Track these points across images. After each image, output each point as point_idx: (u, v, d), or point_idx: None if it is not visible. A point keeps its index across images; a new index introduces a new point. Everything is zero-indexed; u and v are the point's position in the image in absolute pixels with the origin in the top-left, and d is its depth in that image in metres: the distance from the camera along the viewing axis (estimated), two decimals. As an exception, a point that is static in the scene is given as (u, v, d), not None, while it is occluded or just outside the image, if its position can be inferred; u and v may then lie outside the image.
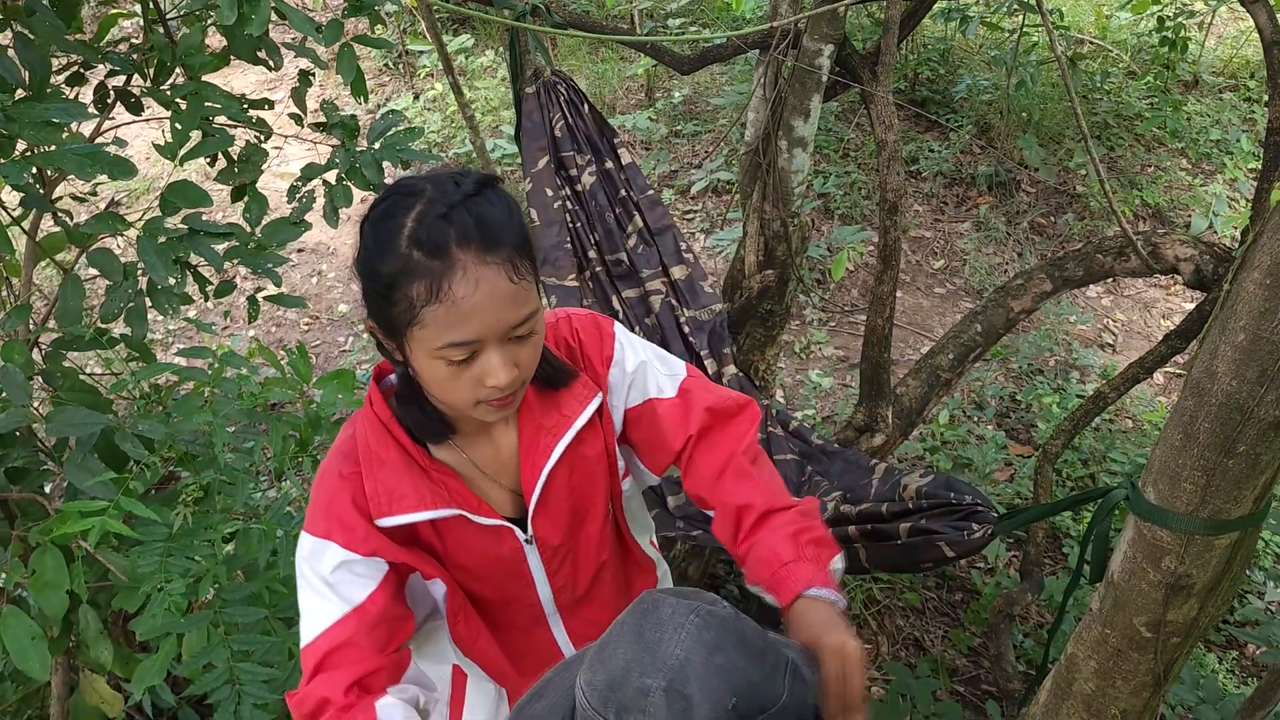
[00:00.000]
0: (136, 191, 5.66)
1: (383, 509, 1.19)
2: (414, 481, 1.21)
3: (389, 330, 1.11)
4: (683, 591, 0.90)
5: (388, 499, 1.19)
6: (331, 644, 1.16)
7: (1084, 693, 1.72)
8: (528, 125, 2.54)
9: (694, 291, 2.50)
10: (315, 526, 1.21)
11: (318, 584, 1.20)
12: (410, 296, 1.05)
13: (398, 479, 1.20)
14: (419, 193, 1.07)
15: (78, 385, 1.80)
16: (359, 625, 1.17)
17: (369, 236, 1.09)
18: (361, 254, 1.10)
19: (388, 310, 1.08)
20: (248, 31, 1.73)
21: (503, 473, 1.31)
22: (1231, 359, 1.30)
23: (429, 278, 1.03)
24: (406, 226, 1.05)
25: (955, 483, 1.93)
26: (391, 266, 1.05)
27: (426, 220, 1.04)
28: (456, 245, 1.04)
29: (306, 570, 1.21)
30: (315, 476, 1.26)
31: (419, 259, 1.04)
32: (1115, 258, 2.34)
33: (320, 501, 1.22)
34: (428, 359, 1.09)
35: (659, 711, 0.80)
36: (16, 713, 1.98)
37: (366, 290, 1.11)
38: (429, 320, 1.05)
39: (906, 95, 5.49)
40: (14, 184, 1.56)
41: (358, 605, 1.18)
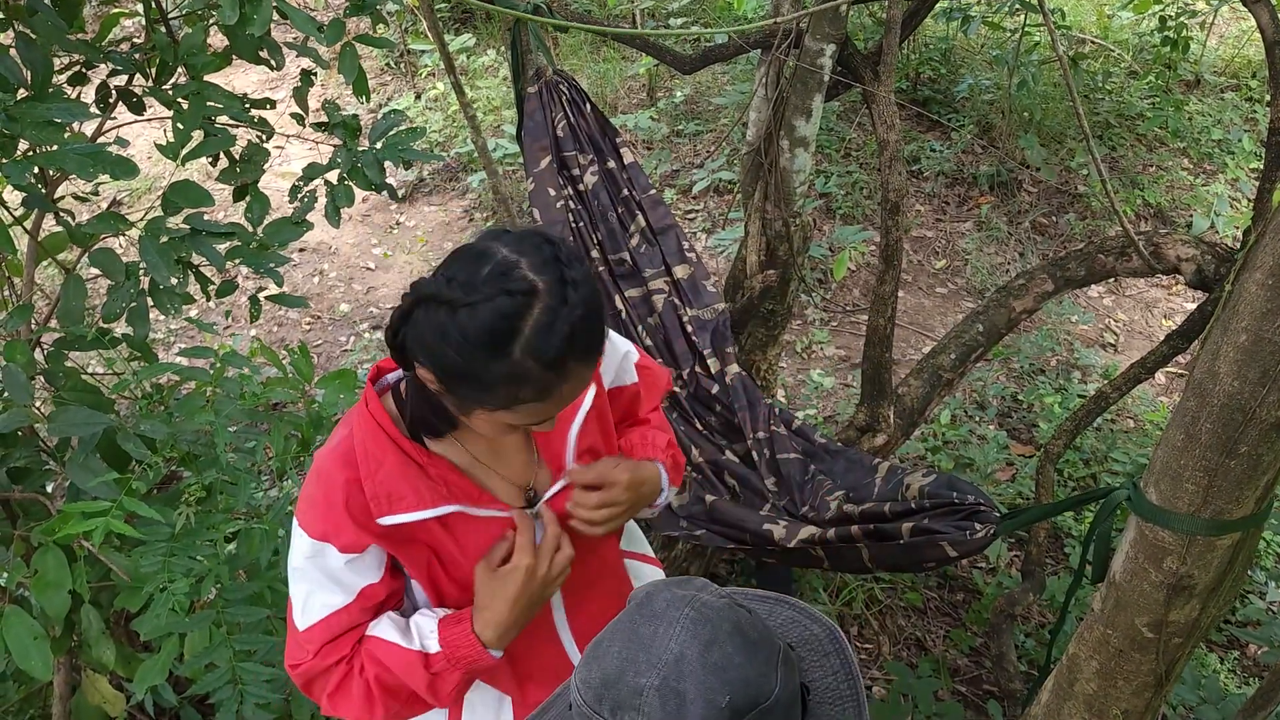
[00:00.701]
0: (138, 191, 5.66)
1: (383, 509, 1.21)
2: (412, 481, 1.22)
3: (462, 399, 1.12)
4: (678, 582, 0.90)
5: (387, 500, 1.21)
6: (337, 629, 1.25)
7: (1086, 693, 1.72)
8: (530, 125, 2.53)
9: (697, 291, 2.50)
10: (313, 528, 1.22)
11: (320, 578, 1.23)
12: (515, 396, 1.08)
13: (396, 480, 1.22)
14: (533, 293, 1.04)
15: (80, 385, 1.80)
16: (362, 607, 1.26)
17: (474, 330, 1.04)
18: (460, 346, 1.05)
19: (479, 395, 1.10)
20: (249, 31, 1.73)
21: (499, 461, 1.32)
22: (1233, 359, 1.30)
23: (542, 386, 1.08)
24: (524, 335, 1.04)
25: (958, 482, 1.93)
26: (504, 370, 1.05)
27: (549, 336, 1.04)
28: (572, 359, 1.07)
29: (309, 567, 1.23)
30: (310, 471, 1.27)
31: (533, 369, 1.05)
32: (1117, 258, 2.34)
33: (317, 502, 1.23)
34: (494, 425, 1.15)
35: (653, 710, 0.80)
36: (19, 712, 1.98)
37: (457, 373, 1.08)
38: (525, 409, 1.11)
39: (908, 95, 5.48)
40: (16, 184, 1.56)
41: (362, 590, 1.26)
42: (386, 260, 5.21)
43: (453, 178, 5.75)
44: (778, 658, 0.86)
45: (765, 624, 0.89)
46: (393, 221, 5.52)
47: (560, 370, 1.07)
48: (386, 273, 5.12)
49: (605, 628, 0.88)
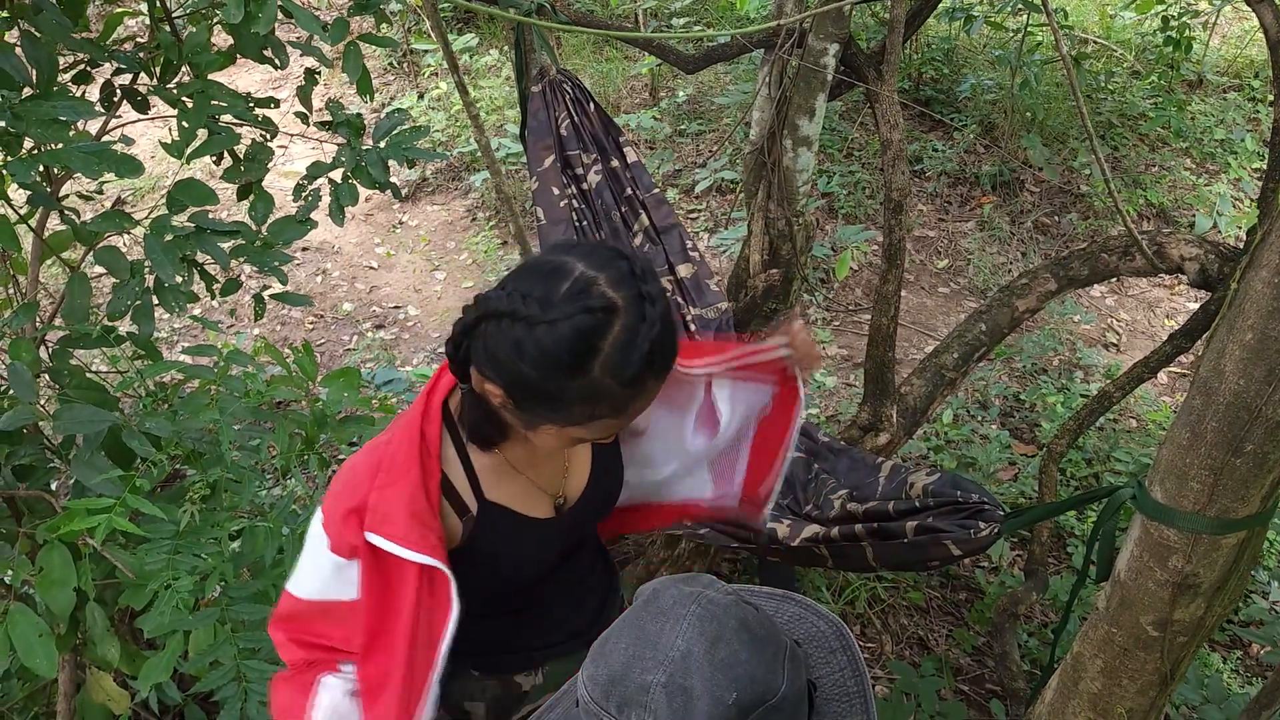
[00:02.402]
0: (143, 190, 5.66)
1: (373, 525, 1.20)
2: (409, 517, 1.21)
3: (531, 414, 1.12)
4: (685, 579, 0.90)
5: (381, 518, 1.20)
6: (322, 624, 1.26)
7: (1090, 691, 1.72)
8: (533, 124, 2.53)
9: (700, 290, 2.50)
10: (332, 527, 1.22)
11: (327, 566, 1.23)
12: (591, 413, 1.08)
13: (397, 506, 1.21)
14: (613, 312, 1.03)
15: (84, 383, 1.80)
16: (332, 617, 1.25)
17: (553, 347, 1.03)
18: (537, 361, 1.04)
19: (552, 411, 1.09)
20: (254, 30, 1.73)
21: (534, 469, 1.33)
22: (1239, 358, 1.30)
23: (618, 404, 1.08)
24: (604, 353, 1.03)
25: (962, 481, 1.92)
26: (582, 388, 1.05)
27: (629, 354, 1.04)
28: (650, 377, 1.07)
29: (323, 553, 1.23)
30: (349, 464, 1.26)
31: (611, 387, 1.05)
32: (1120, 257, 2.34)
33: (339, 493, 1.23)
34: (565, 439, 1.15)
35: (660, 707, 0.80)
36: (24, 709, 1.98)
37: (531, 389, 1.07)
38: (598, 425, 1.11)
39: (911, 95, 5.48)
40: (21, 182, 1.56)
41: (339, 601, 1.25)
42: (389, 259, 5.21)
43: (456, 177, 5.76)
44: (784, 654, 0.86)
45: (771, 621, 0.89)
46: (396, 221, 5.52)
47: (638, 387, 1.07)
48: (389, 272, 5.12)
49: (612, 625, 0.88)
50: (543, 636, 1.48)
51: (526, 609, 1.45)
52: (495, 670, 1.48)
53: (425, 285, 5.01)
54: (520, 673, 1.49)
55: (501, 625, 1.45)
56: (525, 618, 1.46)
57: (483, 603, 1.40)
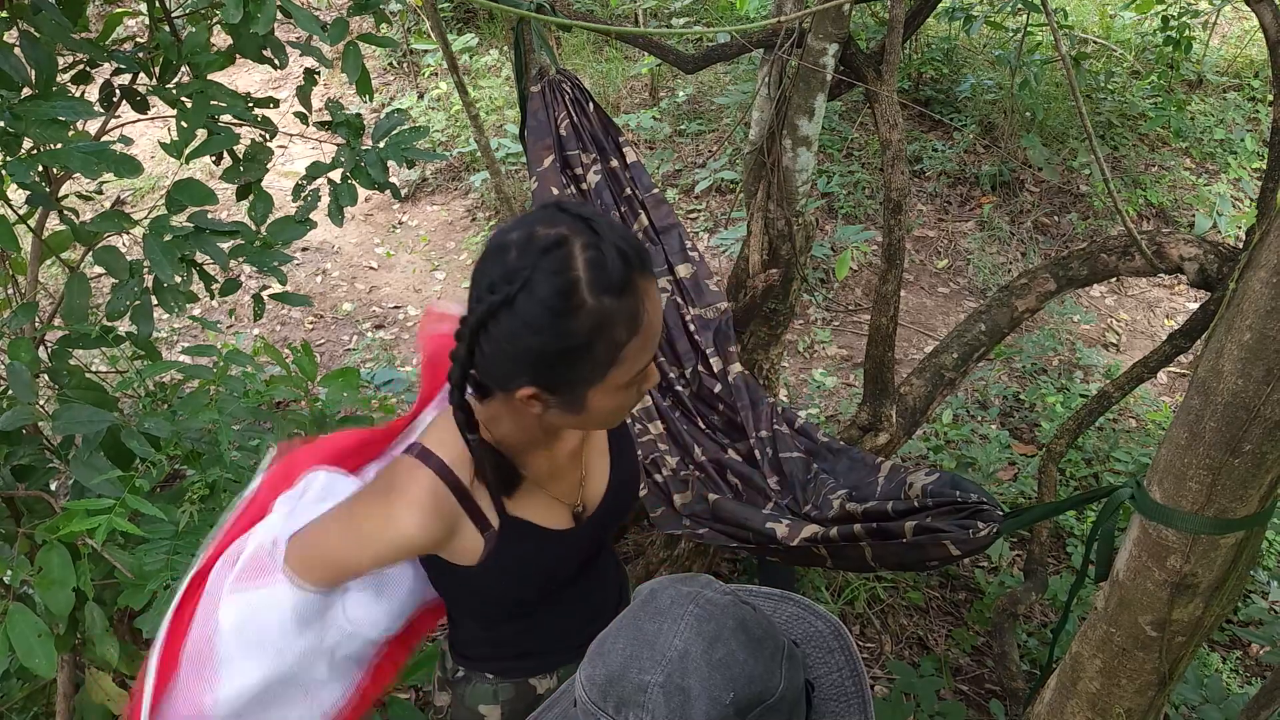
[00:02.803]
0: (142, 190, 5.66)
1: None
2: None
3: (568, 387, 1.09)
4: (683, 579, 0.90)
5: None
6: None
7: (1089, 691, 1.72)
8: (533, 124, 2.53)
9: (699, 290, 2.50)
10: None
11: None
12: (613, 340, 1.04)
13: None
14: (565, 241, 1.02)
15: (83, 383, 1.80)
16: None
17: (540, 306, 1.01)
18: (537, 328, 1.02)
19: (583, 368, 1.06)
20: (253, 30, 1.73)
21: (554, 482, 1.33)
22: (1238, 358, 1.30)
23: (628, 317, 1.04)
24: (584, 278, 1.01)
25: (961, 481, 1.92)
26: (589, 323, 1.02)
27: (604, 264, 1.02)
28: (638, 276, 1.04)
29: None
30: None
31: (611, 304, 1.02)
32: (1119, 257, 2.34)
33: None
34: (612, 395, 1.11)
35: (658, 707, 0.80)
36: (22, 710, 1.99)
37: (544, 355, 1.05)
38: (629, 355, 1.07)
39: (910, 95, 5.48)
40: (20, 182, 1.56)
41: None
42: (389, 259, 5.21)
43: (455, 177, 5.76)
44: (782, 654, 0.86)
45: (769, 620, 0.90)
46: (395, 221, 5.52)
47: (633, 291, 1.04)
48: (389, 272, 5.12)
49: (610, 625, 0.88)
50: (559, 641, 1.47)
51: (545, 615, 1.45)
52: (510, 675, 1.47)
53: (425, 285, 5.01)
54: (535, 676, 1.49)
55: (518, 631, 1.45)
56: (543, 624, 1.45)
57: (501, 613, 1.40)
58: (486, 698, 1.47)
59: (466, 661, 1.47)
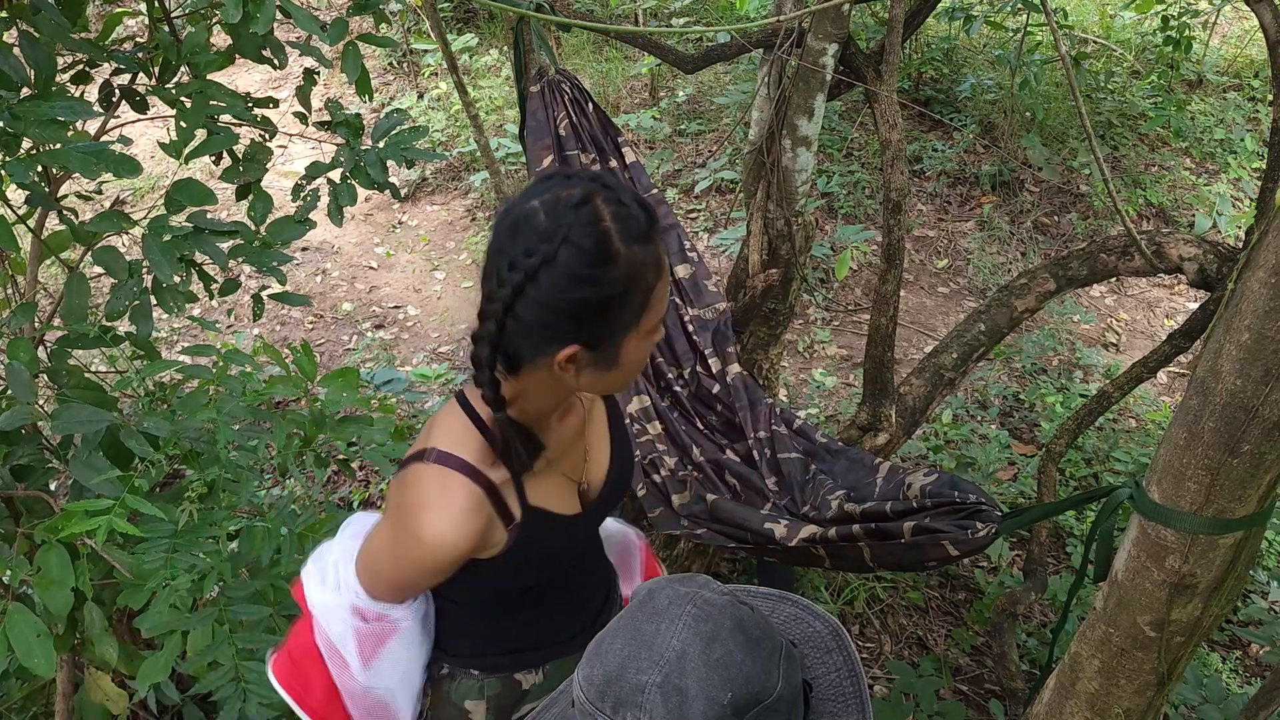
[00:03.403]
0: (141, 190, 5.66)
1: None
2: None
3: (607, 338, 1.13)
4: (680, 579, 0.90)
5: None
6: None
7: (1088, 691, 1.72)
8: (532, 124, 2.53)
9: (698, 290, 2.50)
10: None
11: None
12: (645, 284, 1.11)
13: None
14: (588, 198, 1.07)
15: (83, 383, 1.80)
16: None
17: (579, 262, 1.06)
18: (578, 282, 1.06)
19: (622, 315, 1.11)
20: (253, 30, 1.73)
21: (563, 460, 1.35)
22: (1236, 358, 1.30)
23: (655, 262, 1.11)
24: (614, 229, 1.07)
25: (960, 482, 1.93)
26: (625, 270, 1.08)
27: (629, 216, 1.08)
28: (653, 227, 1.11)
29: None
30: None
31: (639, 250, 1.09)
32: (1119, 257, 2.34)
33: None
34: (645, 343, 1.17)
35: (655, 707, 0.80)
36: (22, 709, 1.99)
37: (586, 308, 1.09)
38: (656, 298, 1.14)
39: (910, 94, 5.48)
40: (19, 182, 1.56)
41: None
42: (389, 259, 5.21)
43: (455, 177, 5.76)
44: (780, 654, 0.86)
45: (767, 621, 0.89)
46: (395, 221, 5.52)
47: (653, 240, 1.11)
48: (389, 272, 5.12)
49: (608, 625, 0.88)
50: (546, 636, 1.48)
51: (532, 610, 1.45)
52: (497, 670, 1.48)
53: (425, 285, 5.01)
54: (522, 671, 1.49)
55: (505, 626, 1.45)
56: (530, 618, 1.46)
57: (506, 604, 1.41)
58: (472, 693, 1.47)
59: (452, 658, 1.47)
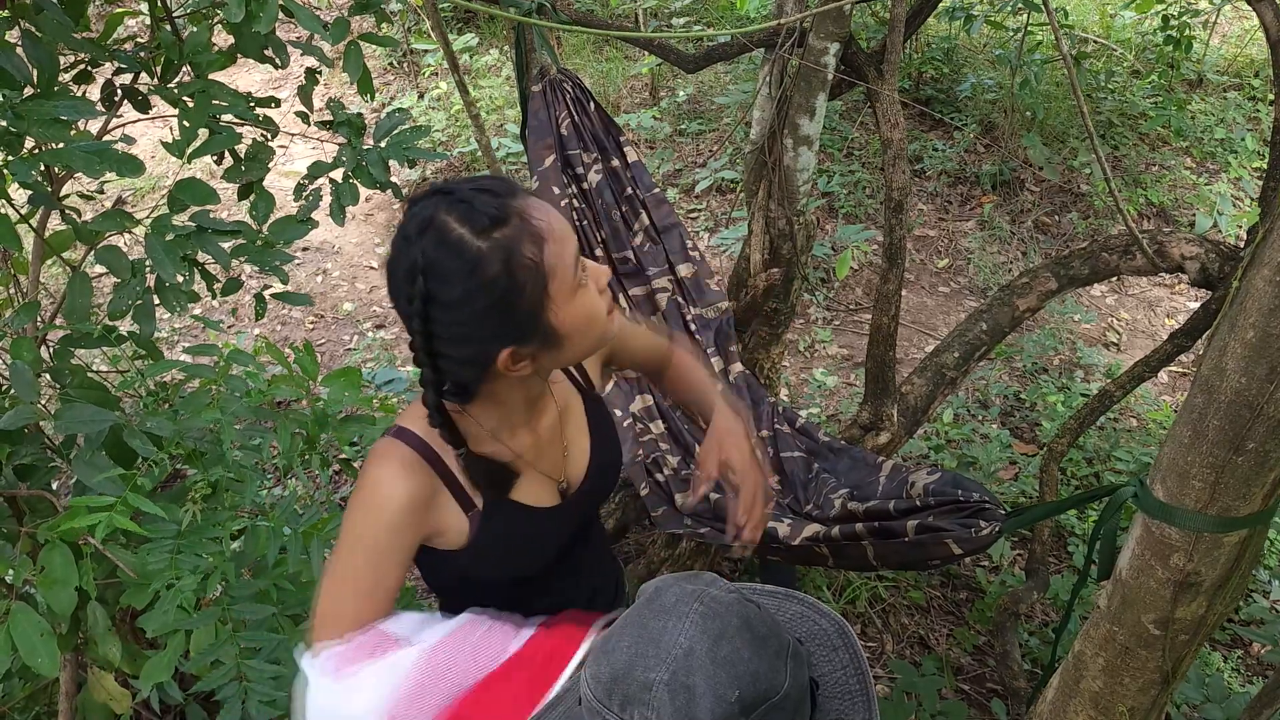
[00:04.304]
0: (143, 190, 5.66)
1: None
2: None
3: (530, 324, 1.12)
4: (687, 577, 0.90)
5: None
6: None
7: (1091, 690, 1.72)
8: (534, 123, 2.54)
9: (700, 289, 2.50)
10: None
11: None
12: (529, 262, 1.08)
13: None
14: (429, 219, 1.07)
15: (85, 382, 1.80)
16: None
17: (454, 282, 1.06)
18: (459, 300, 1.06)
19: (523, 299, 1.09)
20: (255, 29, 1.73)
21: (540, 458, 1.34)
22: (1241, 356, 1.30)
23: (523, 235, 1.08)
24: (464, 235, 1.06)
25: (963, 480, 1.93)
26: (495, 263, 1.06)
27: (472, 213, 1.06)
28: (506, 200, 1.08)
29: None
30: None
31: (502, 235, 1.06)
32: (1121, 256, 2.34)
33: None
34: (571, 300, 1.13)
35: (663, 705, 0.80)
36: (25, 709, 1.99)
37: (489, 313, 1.08)
38: (553, 261, 1.10)
39: (911, 94, 5.48)
40: (22, 181, 1.56)
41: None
42: (389, 259, 5.21)
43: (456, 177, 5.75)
44: (786, 652, 0.86)
45: (774, 619, 0.89)
46: (396, 220, 5.52)
47: (512, 212, 1.08)
48: (389, 272, 5.11)
49: (615, 623, 0.88)
50: None
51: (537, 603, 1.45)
52: None
53: (426, 285, 5.00)
54: None
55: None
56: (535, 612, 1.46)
57: (496, 598, 1.40)
58: None
59: None
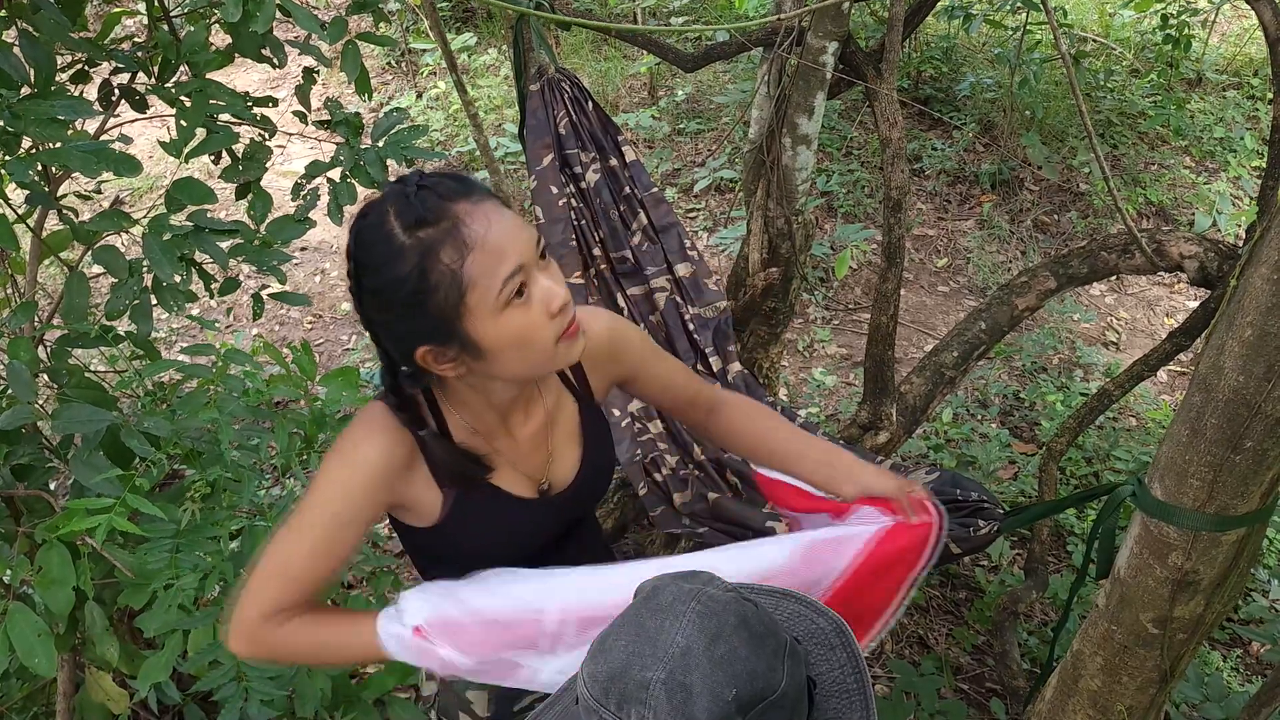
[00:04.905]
0: (141, 189, 5.66)
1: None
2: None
3: (444, 329, 1.10)
4: (684, 575, 0.90)
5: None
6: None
7: (1090, 689, 1.72)
8: (532, 123, 2.53)
9: (698, 289, 2.50)
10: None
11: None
12: (445, 268, 1.05)
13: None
14: (378, 208, 1.08)
15: (83, 382, 1.80)
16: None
17: (378, 269, 1.07)
18: (377, 288, 1.08)
19: (433, 303, 1.07)
20: (252, 29, 1.73)
21: (519, 457, 1.33)
22: (1239, 354, 1.30)
23: (446, 240, 1.05)
24: (394, 226, 1.06)
25: (962, 480, 1.93)
26: (412, 261, 1.05)
27: (406, 207, 1.06)
28: (449, 202, 1.06)
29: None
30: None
31: (426, 235, 1.05)
32: (1120, 255, 2.34)
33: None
34: (496, 316, 1.09)
35: (660, 703, 0.80)
36: (22, 709, 1.98)
37: (403, 309, 1.08)
38: (475, 272, 1.06)
39: (910, 93, 5.48)
40: (19, 181, 1.56)
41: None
42: (388, 259, 5.21)
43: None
44: (784, 651, 0.86)
45: (771, 617, 0.89)
46: (394, 220, 5.51)
47: (447, 215, 1.06)
48: (388, 272, 5.11)
49: (612, 621, 0.88)
50: None
51: None
52: None
53: (424, 285, 5.00)
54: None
55: None
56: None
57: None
58: (474, 683, 1.47)
59: None
